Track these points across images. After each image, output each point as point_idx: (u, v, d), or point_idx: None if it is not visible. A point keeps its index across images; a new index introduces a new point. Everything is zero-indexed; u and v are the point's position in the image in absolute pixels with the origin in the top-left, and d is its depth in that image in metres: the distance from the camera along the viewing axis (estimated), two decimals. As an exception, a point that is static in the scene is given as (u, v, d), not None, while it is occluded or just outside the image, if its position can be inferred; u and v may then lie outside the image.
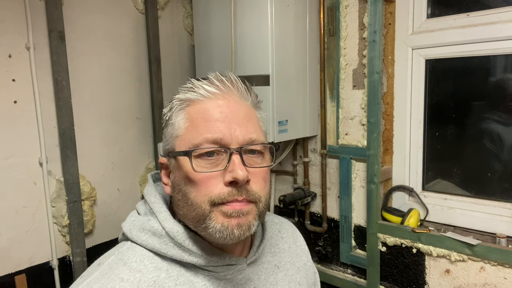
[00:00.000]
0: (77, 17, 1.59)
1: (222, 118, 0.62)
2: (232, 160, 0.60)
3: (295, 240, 0.86)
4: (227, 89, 0.65)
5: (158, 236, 0.64)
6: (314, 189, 1.82)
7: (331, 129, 1.71)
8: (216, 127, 0.61)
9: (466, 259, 1.36)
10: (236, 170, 0.59)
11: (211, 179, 0.60)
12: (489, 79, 1.45)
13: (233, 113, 0.63)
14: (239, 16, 1.57)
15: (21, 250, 1.48)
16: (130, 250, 0.64)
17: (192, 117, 0.64)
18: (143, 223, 0.66)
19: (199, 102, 0.64)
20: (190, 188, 0.61)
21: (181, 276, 0.63)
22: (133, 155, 1.82)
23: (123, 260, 0.63)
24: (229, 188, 0.60)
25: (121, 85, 1.76)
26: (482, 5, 1.39)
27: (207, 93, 0.64)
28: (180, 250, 0.63)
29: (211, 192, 0.60)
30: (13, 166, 1.44)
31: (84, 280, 0.61)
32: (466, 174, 1.53)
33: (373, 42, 1.49)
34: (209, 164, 0.61)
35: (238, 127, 0.62)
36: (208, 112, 0.63)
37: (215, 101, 0.64)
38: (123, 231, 0.68)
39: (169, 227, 0.64)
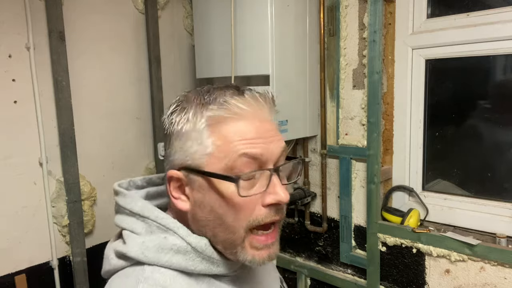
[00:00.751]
0: (77, 17, 1.59)
1: (258, 135, 0.61)
2: (272, 181, 0.60)
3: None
4: (260, 107, 0.63)
5: (183, 253, 0.61)
6: (314, 189, 1.82)
7: (331, 129, 1.71)
8: (255, 143, 0.60)
9: (466, 259, 1.36)
10: (279, 193, 0.59)
11: (250, 202, 0.59)
12: (489, 79, 1.45)
13: (267, 129, 0.62)
14: (239, 16, 1.57)
15: (21, 250, 1.48)
16: (158, 274, 0.60)
17: (226, 135, 0.60)
18: (159, 242, 0.61)
19: (231, 120, 0.61)
20: (228, 211, 0.59)
21: (212, 285, 0.63)
22: (133, 155, 1.82)
23: (159, 284, 0.58)
24: (267, 209, 0.60)
25: (121, 85, 1.76)
26: (482, 5, 1.39)
27: (241, 111, 0.61)
28: (208, 263, 0.62)
29: (249, 216, 0.59)
30: (13, 166, 1.44)
31: None
32: (466, 174, 1.53)
33: (373, 42, 1.49)
34: (249, 185, 0.60)
35: (272, 141, 0.62)
36: (244, 131, 0.60)
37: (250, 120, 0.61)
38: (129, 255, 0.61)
39: (195, 242, 0.61)
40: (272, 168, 0.60)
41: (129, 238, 0.63)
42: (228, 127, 0.60)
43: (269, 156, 0.60)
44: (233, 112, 0.61)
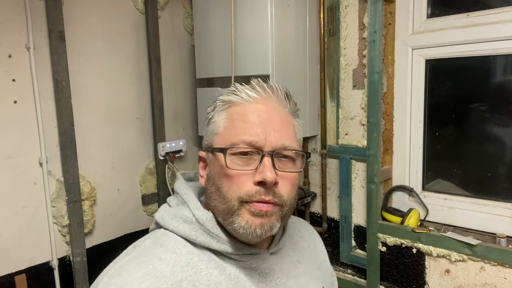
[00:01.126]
0: (77, 17, 1.59)
1: (259, 122, 0.66)
2: (263, 162, 0.64)
3: (314, 239, 0.90)
4: (267, 95, 0.69)
5: (189, 223, 0.68)
6: (314, 189, 1.83)
7: (331, 129, 1.71)
8: (253, 130, 0.66)
9: (466, 259, 1.36)
10: (266, 172, 0.63)
11: (242, 176, 0.65)
12: (489, 79, 1.45)
13: (270, 118, 0.67)
14: (239, 16, 1.57)
15: (21, 250, 1.48)
16: (165, 235, 0.69)
17: (232, 117, 0.68)
18: (175, 211, 0.71)
19: (239, 104, 0.69)
20: (223, 182, 0.66)
21: (212, 261, 0.68)
22: (133, 155, 1.82)
23: (159, 243, 0.68)
24: (257, 187, 0.64)
25: (121, 85, 1.76)
26: (482, 5, 1.39)
27: (248, 97, 0.69)
28: (209, 237, 0.67)
29: (241, 189, 0.64)
30: (13, 166, 1.44)
31: (121, 260, 0.66)
32: (466, 174, 1.53)
33: (373, 42, 1.49)
34: (242, 162, 0.65)
35: (273, 132, 0.66)
36: (247, 115, 0.67)
37: (255, 105, 0.68)
38: (156, 219, 0.73)
39: (199, 214, 0.68)
40: (266, 151, 0.65)
41: (161, 208, 0.75)
42: (234, 110, 0.69)
43: (265, 143, 0.65)
44: (240, 97, 0.69)
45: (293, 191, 0.68)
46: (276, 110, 0.69)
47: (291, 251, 0.81)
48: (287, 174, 0.67)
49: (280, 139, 0.66)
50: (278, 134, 0.66)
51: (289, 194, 0.67)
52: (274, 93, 0.70)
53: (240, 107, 0.68)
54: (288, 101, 0.71)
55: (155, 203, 1.91)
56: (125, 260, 0.65)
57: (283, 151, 0.66)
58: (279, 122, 0.68)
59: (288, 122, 0.71)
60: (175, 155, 1.91)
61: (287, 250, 0.79)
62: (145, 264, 0.63)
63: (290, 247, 0.81)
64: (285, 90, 0.72)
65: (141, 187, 1.86)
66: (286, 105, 0.71)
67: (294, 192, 0.69)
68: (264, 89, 0.69)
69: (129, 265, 0.63)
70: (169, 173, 1.90)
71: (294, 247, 0.82)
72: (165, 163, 1.88)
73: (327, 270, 0.89)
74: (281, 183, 0.66)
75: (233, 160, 0.65)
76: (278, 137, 0.66)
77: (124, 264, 0.64)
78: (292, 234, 0.84)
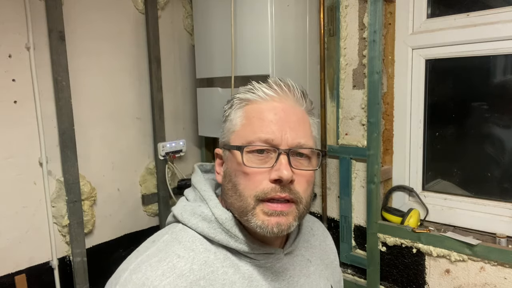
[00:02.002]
0: (77, 17, 1.59)
1: (275, 120, 0.67)
2: (279, 160, 0.65)
3: (325, 238, 0.91)
4: (284, 94, 0.70)
5: (208, 221, 0.69)
6: (314, 189, 1.82)
7: (331, 129, 1.71)
8: (269, 128, 0.66)
9: (466, 259, 1.36)
10: (282, 170, 0.64)
11: (258, 174, 0.65)
12: (489, 79, 1.45)
13: (286, 116, 0.68)
14: (239, 16, 1.57)
15: (21, 250, 1.48)
16: (183, 231, 0.70)
17: (249, 115, 0.69)
18: (194, 208, 0.71)
19: (256, 102, 0.70)
20: (240, 180, 0.67)
21: (227, 259, 0.69)
22: (133, 155, 1.82)
23: (178, 239, 0.68)
24: (273, 184, 0.64)
25: (121, 85, 1.76)
26: (482, 5, 1.39)
27: (265, 95, 0.69)
28: (227, 236, 0.68)
29: (257, 187, 0.65)
30: (13, 166, 1.44)
31: (141, 254, 0.66)
32: (466, 174, 1.53)
33: (373, 42, 1.49)
34: (259, 160, 0.66)
35: (289, 130, 0.67)
36: (264, 113, 0.68)
37: (271, 103, 0.69)
38: (174, 213, 0.73)
39: (219, 213, 0.69)
40: (282, 149, 0.65)
41: (180, 201, 0.76)
42: (251, 108, 0.69)
43: (281, 141, 0.66)
44: (257, 95, 0.69)
45: (308, 189, 0.69)
46: (292, 108, 0.69)
47: (304, 250, 0.82)
48: (302, 172, 0.67)
49: (296, 137, 0.67)
50: (294, 132, 0.67)
51: (305, 192, 0.68)
52: (291, 92, 0.70)
53: (257, 105, 0.69)
54: (304, 99, 0.72)
55: (155, 203, 1.91)
56: (145, 255, 0.65)
57: (299, 149, 0.67)
58: (295, 120, 0.68)
59: (305, 120, 0.71)
60: (175, 155, 1.91)
61: (300, 248, 0.81)
62: (165, 261, 0.64)
63: (303, 246, 0.82)
64: (301, 89, 0.72)
65: (141, 187, 1.86)
66: (303, 103, 0.72)
67: (309, 190, 0.70)
68: (281, 87, 0.70)
69: (150, 261, 0.64)
70: (169, 173, 1.90)
71: (306, 245, 0.83)
72: (165, 163, 1.88)
73: (336, 269, 0.90)
74: (297, 181, 0.66)
75: (250, 158, 0.66)
76: (294, 135, 0.67)
77: (144, 260, 0.64)
78: (304, 232, 0.85)
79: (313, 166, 0.70)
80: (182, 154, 1.94)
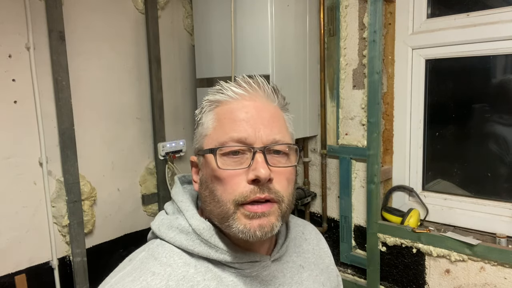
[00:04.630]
0: (77, 17, 1.59)
1: (247, 118, 0.64)
2: (255, 159, 0.62)
3: (318, 242, 0.87)
4: (254, 91, 0.67)
5: (186, 233, 0.66)
6: (314, 189, 1.82)
7: (331, 129, 1.71)
8: (242, 127, 0.64)
9: (466, 259, 1.36)
10: (259, 168, 0.61)
11: (235, 177, 0.62)
12: (489, 79, 1.45)
13: (258, 114, 0.65)
14: (239, 16, 1.57)
15: (21, 250, 1.48)
16: (160, 247, 0.66)
17: (220, 117, 0.66)
18: (171, 221, 0.68)
19: (227, 103, 0.67)
20: (216, 185, 0.64)
21: (209, 272, 0.65)
22: (133, 155, 1.82)
23: (154, 256, 0.65)
24: (251, 186, 0.62)
25: (121, 85, 1.76)
26: (482, 5, 1.39)
27: (235, 95, 0.66)
28: (206, 247, 0.65)
29: (235, 191, 0.62)
30: (13, 166, 1.44)
31: (116, 274, 0.64)
32: (466, 174, 1.53)
33: (373, 42, 1.49)
34: (234, 162, 0.63)
35: (263, 127, 0.64)
36: (235, 113, 0.65)
37: (242, 102, 0.66)
38: (152, 229, 0.70)
39: (196, 224, 0.66)
40: (257, 147, 0.63)
41: (158, 216, 0.72)
42: (222, 109, 0.67)
43: (255, 139, 0.63)
44: (227, 95, 0.67)
45: (289, 186, 0.66)
46: (264, 105, 0.67)
47: (295, 256, 0.78)
48: (281, 170, 0.64)
49: (270, 134, 0.64)
50: (268, 129, 0.64)
51: (285, 190, 0.64)
52: (261, 88, 0.67)
53: (228, 106, 0.66)
54: (276, 95, 0.69)
55: (155, 203, 1.91)
56: (119, 275, 0.63)
57: (274, 146, 0.64)
58: (268, 117, 0.66)
59: (279, 116, 0.68)
60: (175, 155, 1.91)
61: (290, 254, 0.77)
62: (139, 280, 0.61)
63: (294, 251, 0.78)
64: (272, 85, 0.69)
65: (141, 187, 1.86)
66: (275, 99, 0.69)
67: (290, 188, 0.66)
68: (250, 85, 0.67)
69: (123, 281, 0.61)
70: (169, 173, 1.90)
71: (298, 250, 0.79)
72: (165, 163, 1.89)
73: (332, 273, 0.86)
74: (276, 179, 0.63)
75: (225, 160, 0.63)
76: (268, 132, 0.64)
77: (118, 280, 0.62)
78: (295, 237, 0.81)
79: (292, 163, 0.67)
80: (182, 154, 1.94)
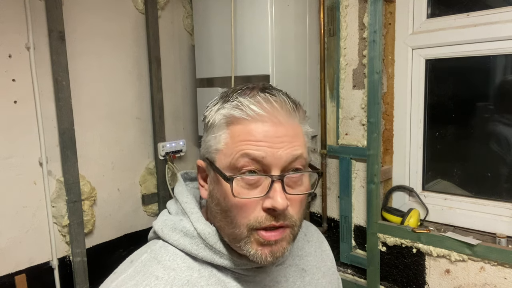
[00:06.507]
0: (77, 17, 1.59)
1: (265, 139, 0.60)
2: (273, 188, 0.59)
3: (320, 244, 0.86)
4: (274, 110, 0.62)
5: (190, 237, 0.65)
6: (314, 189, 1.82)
7: (331, 129, 1.71)
8: (259, 146, 0.60)
9: (466, 259, 1.36)
10: (276, 198, 0.58)
11: (251, 202, 0.60)
12: (489, 79, 1.45)
13: (277, 133, 0.61)
14: (239, 16, 1.57)
15: (21, 250, 1.48)
16: (163, 249, 0.65)
17: (235, 134, 0.62)
18: (175, 223, 0.66)
19: (244, 121, 0.62)
20: (231, 207, 0.61)
21: (213, 277, 0.64)
22: (133, 155, 1.82)
23: (157, 259, 0.64)
24: (266, 213, 0.60)
25: (121, 85, 1.76)
26: (482, 5, 1.39)
27: (253, 113, 0.61)
28: (211, 252, 0.64)
29: (249, 215, 0.60)
30: (13, 166, 1.44)
31: (118, 277, 0.62)
32: (466, 174, 1.53)
33: (373, 42, 1.49)
34: (249, 185, 0.60)
35: (282, 147, 0.61)
36: (252, 133, 0.61)
37: (261, 122, 0.61)
38: (154, 229, 0.68)
39: (201, 228, 0.64)
40: (276, 175, 0.60)
41: (161, 215, 0.70)
42: (238, 127, 0.62)
43: (273, 160, 0.60)
44: (245, 113, 0.61)
45: (301, 208, 0.64)
46: (284, 124, 0.63)
47: (298, 259, 0.77)
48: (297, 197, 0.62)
49: (290, 151, 0.61)
50: (287, 148, 0.61)
51: (298, 213, 0.63)
52: (283, 108, 0.63)
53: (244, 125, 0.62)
54: (297, 112, 0.65)
55: (155, 203, 1.91)
56: (121, 278, 0.61)
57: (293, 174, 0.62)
58: (288, 135, 0.62)
59: (298, 132, 0.65)
60: (175, 155, 1.91)
61: (293, 257, 0.76)
62: (142, 284, 0.60)
63: (296, 254, 0.78)
64: (293, 101, 0.65)
65: (141, 187, 1.86)
66: (296, 116, 0.65)
67: (302, 209, 0.65)
68: (272, 105, 0.62)
69: (126, 285, 0.60)
70: (169, 173, 1.90)
71: (300, 253, 0.79)
72: (165, 163, 1.89)
73: (333, 276, 0.85)
74: (291, 205, 0.61)
75: (239, 184, 0.60)
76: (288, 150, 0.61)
77: (120, 284, 0.60)
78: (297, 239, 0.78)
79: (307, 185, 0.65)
80: (182, 154, 1.94)
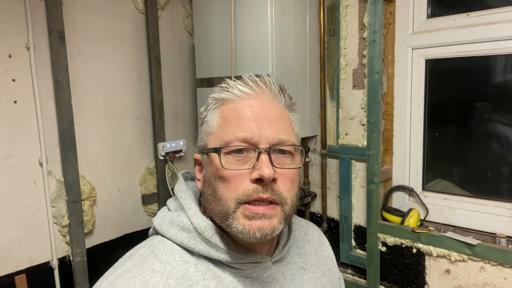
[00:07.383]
0: (77, 17, 1.59)
1: (253, 118, 0.63)
2: (260, 159, 0.61)
3: (321, 244, 0.86)
4: (260, 90, 0.66)
5: (187, 231, 0.65)
6: (314, 189, 1.82)
7: (331, 129, 1.71)
8: (247, 126, 0.63)
9: (466, 259, 1.36)
10: (263, 168, 0.60)
11: (239, 176, 0.62)
12: (489, 79, 1.45)
13: (264, 113, 0.64)
14: (239, 16, 1.57)
15: (21, 250, 1.48)
16: (161, 243, 0.66)
17: (225, 115, 0.66)
18: (173, 217, 0.68)
19: (232, 101, 0.66)
20: (219, 183, 0.63)
21: (209, 271, 0.65)
22: (133, 155, 1.82)
23: (154, 253, 0.65)
24: (254, 185, 0.61)
25: (121, 85, 1.76)
26: (482, 5, 1.39)
27: (241, 93, 0.66)
28: (207, 246, 0.65)
29: (238, 189, 0.61)
30: (13, 166, 1.44)
31: (116, 270, 0.63)
32: (466, 174, 1.53)
33: (373, 42, 1.49)
34: (238, 161, 0.63)
35: (269, 127, 0.63)
36: (240, 111, 0.64)
37: (248, 100, 0.65)
38: (154, 225, 0.70)
39: (197, 222, 0.65)
40: (263, 147, 0.62)
41: (160, 212, 0.72)
42: (228, 108, 0.66)
43: (260, 139, 0.62)
44: (233, 93, 0.66)
45: (293, 188, 0.65)
46: (270, 104, 0.66)
47: (296, 257, 0.77)
48: (285, 171, 0.64)
49: (276, 134, 0.63)
50: (274, 128, 0.64)
51: (289, 192, 0.64)
52: (268, 87, 0.67)
53: (233, 104, 0.66)
54: (282, 94, 0.68)
55: (155, 203, 1.91)
56: (119, 271, 0.62)
57: (280, 147, 0.64)
58: (274, 116, 0.65)
59: (285, 116, 0.68)
60: (175, 155, 1.91)
61: (292, 256, 0.76)
62: (139, 277, 0.60)
63: (295, 253, 0.77)
64: (278, 84, 0.69)
65: (141, 187, 1.86)
66: (281, 99, 0.68)
67: (294, 190, 0.66)
68: (257, 84, 0.66)
69: (123, 277, 0.61)
70: (169, 173, 1.90)
71: (299, 252, 0.78)
72: (165, 163, 1.89)
73: (334, 275, 0.84)
74: (280, 180, 0.62)
75: (228, 159, 0.62)
76: (274, 131, 0.63)
77: (118, 276, 0.61)
78: (297, 238, 0.80)
79: (297, 164, 0.66)
80: (182, 154, 1.94)
